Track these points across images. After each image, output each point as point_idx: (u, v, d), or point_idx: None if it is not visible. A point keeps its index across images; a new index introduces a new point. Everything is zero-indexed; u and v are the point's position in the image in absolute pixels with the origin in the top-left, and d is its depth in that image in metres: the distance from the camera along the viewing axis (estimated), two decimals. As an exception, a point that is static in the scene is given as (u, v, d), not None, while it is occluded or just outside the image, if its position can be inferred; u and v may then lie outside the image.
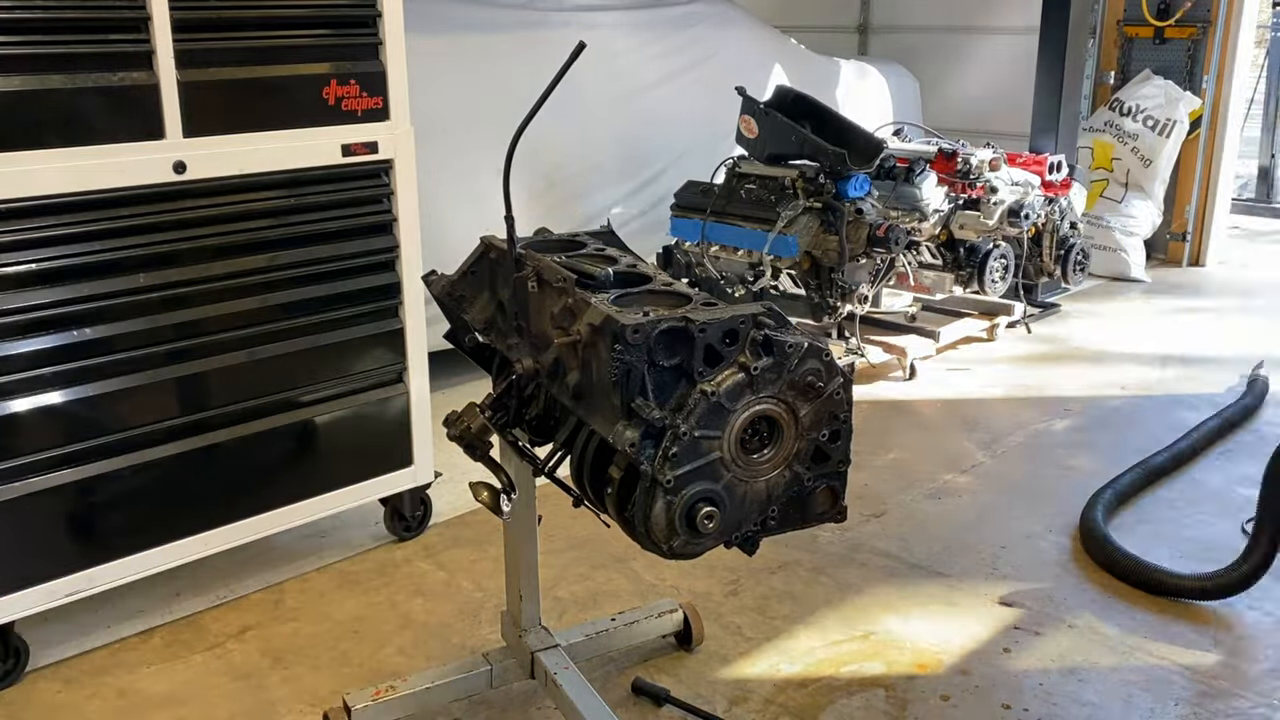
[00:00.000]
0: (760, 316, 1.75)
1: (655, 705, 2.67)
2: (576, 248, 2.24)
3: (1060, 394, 4.81)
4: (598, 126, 5.20)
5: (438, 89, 4.45)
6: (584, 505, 1.97)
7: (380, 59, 3.04)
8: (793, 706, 2.68)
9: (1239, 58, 6.79)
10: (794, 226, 4.63)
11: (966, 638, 2.96)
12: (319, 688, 2.75)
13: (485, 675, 2.61)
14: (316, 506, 3.17)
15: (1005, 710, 2.67)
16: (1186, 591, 3.13)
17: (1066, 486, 3.85)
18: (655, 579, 3.24)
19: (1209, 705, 2.68)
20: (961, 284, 5.17)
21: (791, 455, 1.79)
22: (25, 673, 2.76)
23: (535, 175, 4.82)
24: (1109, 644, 2.94)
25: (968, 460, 4.12)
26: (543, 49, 4.75)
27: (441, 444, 2.44)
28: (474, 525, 3.54)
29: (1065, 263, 5.34)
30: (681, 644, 2.91)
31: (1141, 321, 5.94)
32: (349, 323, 3.12)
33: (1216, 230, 7.10)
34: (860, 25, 8.24)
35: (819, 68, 6.59)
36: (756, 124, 4.86)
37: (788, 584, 3.23)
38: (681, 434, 1.67)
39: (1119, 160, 6.81)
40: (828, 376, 1.77)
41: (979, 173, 4.99)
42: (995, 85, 7.24)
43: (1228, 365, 5.11)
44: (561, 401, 1.95)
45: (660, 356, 1.71)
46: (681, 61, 5.70)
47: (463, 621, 3.05)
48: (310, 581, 3.24)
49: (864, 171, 4.64)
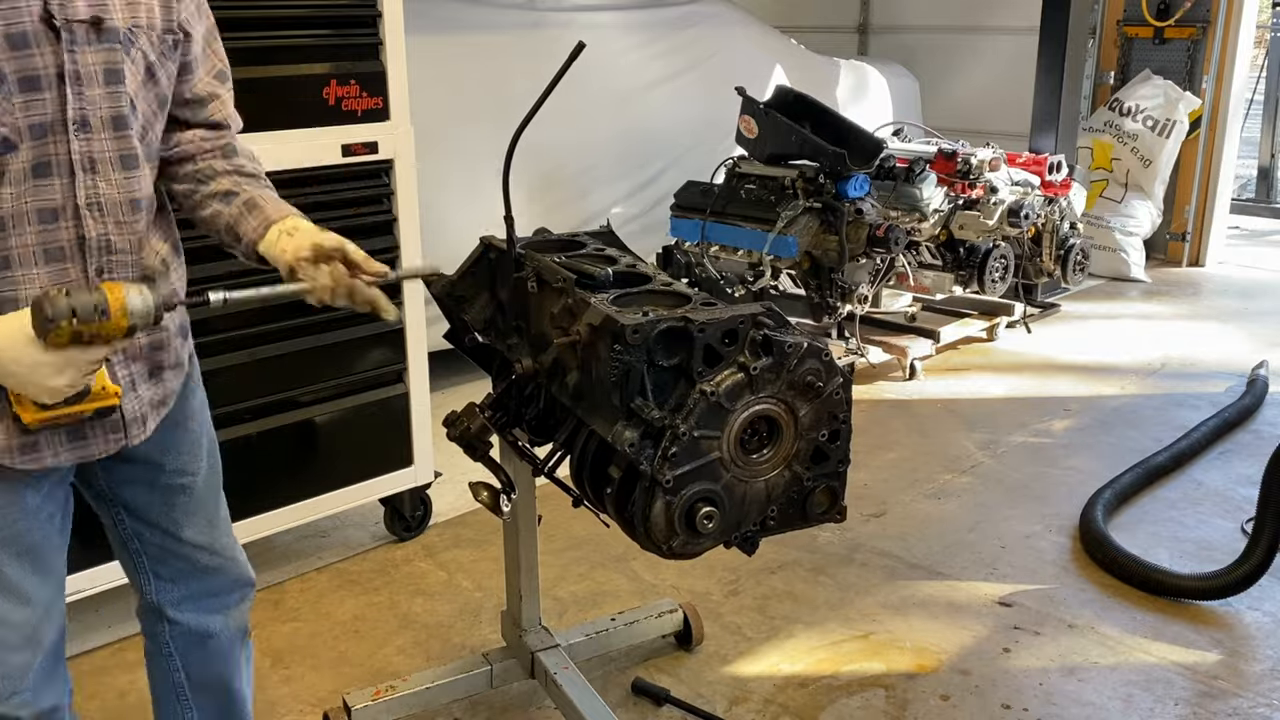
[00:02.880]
0: (760, 316, 1.75)
1: (655, 705, 2.68)
2: (576, 248, 2.24)
3: (1060, 394, 4.81)
4: (598, 126, 5.19)
5: (438, 89, 4.44)
6: (584, 505, 1.97)
7: (380, 59, 3.04)
8: (793, 706, 2.68)
9: (1239, 58, 6.79)
10: (794, 226, 4.63)
11: (966, 638, 2.96)
12: (319, 688, 2.75)
13: (485, 675, 2.61)
14: (316, 506, 3.17)
15: (1005, 710, 2.67)
16: (1186, 591, 3.13)
17: (1066, 486, 3.85)
18: (655, 579, 3.24)
19: (1209, 705, 2.69)
20: (961, 284, 5.17)
21: (791, 455, 1.79)
22: (25, 673, 2.76)
23: (535, 175, 4.81)
24: (1109, 644, 2.94)
25: (968, 460, 4.12)
26: (543, 49, 4.75)
27: (441, 444, 2.44)
28: (474, 525, 3.54)
29: (1065, 263, 5.33)
30: (681, 644, 2.91)
31: (1141, 321, 5.94)
32: (349, 322, 3.12)
33: (1216, 230, 7.09)
34: (860, 25, 8.23)
35: (819, 68, 6.58)
36: (756, 124, 4.86)
37: (788, 584, 3.23)
38: (681, 434, 1.68)
39: (1119, 160, 6.81)
40: (827, 376, 1.77)
41: (979, 173, 4.99)
42: (995, 85, 7.23)
43: (1228, 365, 5.12)
44: (561, 401, 1.95)
45: (660, 356, 1.71)
46: (681, 61, 5.69)
47: (463, 621, 3.05)
48: (310, 581, 3.24)
49: (864, 171, 4.64)
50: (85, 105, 1.49)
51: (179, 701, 2.00)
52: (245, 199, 1.71)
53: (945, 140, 5.32)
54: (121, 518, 1.84)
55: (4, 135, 1.44)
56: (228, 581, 1.97)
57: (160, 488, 1.81)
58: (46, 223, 1.50)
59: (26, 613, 1.65)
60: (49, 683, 1.72)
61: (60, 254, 1.52)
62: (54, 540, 1.69)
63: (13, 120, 1.45)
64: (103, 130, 1.52)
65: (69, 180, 1.50)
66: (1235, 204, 8.06)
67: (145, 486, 1.80)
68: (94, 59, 1.49)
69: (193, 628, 1.95)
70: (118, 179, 1.55)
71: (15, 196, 1.47)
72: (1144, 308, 6.23)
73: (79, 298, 1.39)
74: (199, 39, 1.69)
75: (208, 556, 1.91)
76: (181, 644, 1.96)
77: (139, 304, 1.43)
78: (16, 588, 1.64)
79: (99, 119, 1.51)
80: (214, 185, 1.72)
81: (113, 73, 1.51)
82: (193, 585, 1.93)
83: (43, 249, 1.50)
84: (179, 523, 1.86)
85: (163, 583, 1.91)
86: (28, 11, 1.43)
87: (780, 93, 5.10)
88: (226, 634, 1.99)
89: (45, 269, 1.51)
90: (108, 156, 1.53)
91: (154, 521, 1.84)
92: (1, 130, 1.44)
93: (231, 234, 1.72)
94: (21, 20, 1.43)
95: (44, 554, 1.67)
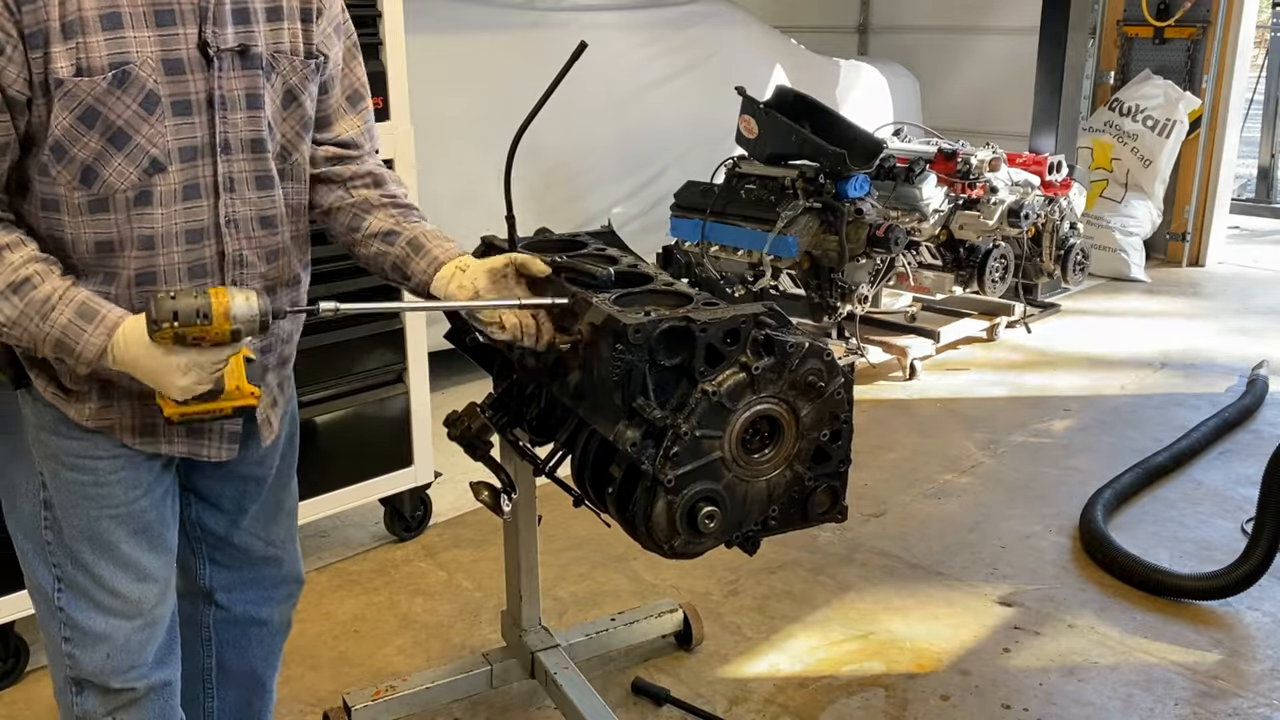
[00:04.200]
0: (761, 316, 1.75)
1: (655, 705, 2.68)
2: (577, 248, 2.24)
3: (1060, 394, 4.81)
4: (598, 126, 5.19)
5: (438, 89, 4.44)
6: (584, 505, 1.97)
7: (380, 59, 3.03)
8: (793, 706, 2.68)
9: (1239, 58, 6.79)
10: (794, 227, 4.63)
11: (966, 638, 2.96)
12: (319, 688, 2.75)
13: (485, 675, 2.61)
14: (316, 506, 3.17)
15: (1005, 710, 2.67)
16: (1186, 591, 3.13)
17: (1066, 486, 3.85)
18: (655, 579, 3.24)
19: (1209, 705, 2.69)
20: (961, 284, 5.17)
21: (792, 455, 1.79)
22: (25, 672, 2.76)
23: (535, 175, 4.81)
24: (1109, 644, 2.94)
25: (968, 460, 4.12)
26: (543, 49, 4.74)
27: (441, 444, 2.44)
28: (474, 525, 3.54)
29: (1065, 263, 5.33)
30: (681, 644, 2.91)
31: (1141, 321, 5.94)
32: (349, 322, 3.12)
33: (1216, 230, 7.09)
34: (860, 25, 8.23)
35: (819, 68, 6.58)
36: (756, 124, 4.85)
37: (788, 584, 3.23)
38: (682, 433, 1.67)
39: (1119, 160, 6.81)
40: (829, 376, 1.76)
41: (979, 173, 4.99)
42: (995, 85, 7.23)
43: (1228, 365, 5.12)
44: (562, 401, 1.95)
45: (661, 356, 1.71)
46: (681, 61, 5.69)
47: (463, 621, 3.05)
48: (310, 581, 3.23)
49: (864, 171, 4.64)
50: (228, 129, 1.57)
51: (204, 689, 2.03)
52: (408, 238, 1.77)
53: (945, 140, 5.32)
54: (189, 502, 1.88)
55: (155, 157, 1.52)
56: (280, 575, 2.02)
57: (236, 478, 1.87)
58: (193, 242, 1.58)
59: (144, 588, 1.72)
60: (165, 658, 1.79)
61: (203, 270, 1.60)
62: (167, 519, 1.76)
63: (164, 142, 1.52)
64: (242, 152, 1.59)
65: (214, 200, 1.59)
66: (1235, 204, 8.06)
67: (220, 477, 1.85)
68: (237, 85, 1.57)
69: (239, 615, 1.99)
70: (252, 197, 1.63)
71: (166, 217, 1.55)
72: (1144, 307, 6.23)
73: (183, 301, 1.45)
74: (335, 59, 1.74)
75: (265, 548, 1.97)
76: (223, 630, 2.00)
77: (244, 310, 1.48)
78: (136, 564, 1.71)
79: (239, 141, 1.59)
80: (373, 222, 1.78)
81: (254, 98, 1.59)
82: (246, 573, 1.97)
83: (188, 266, 1.59)
84: (245, 512, 1.91)
85: (217, 568, 1.95)
86: (184, 39, 1.51)
87: (780, 93, 5.10)
88: (273, 625, 2.04)
89: (189, 284, 1.59)
90: (245, 177, 1.61)
91: (222, 509, 1.90)
92: (153, 152, 1.51)
93: (398, 273, 1.79)
94: (178, 48, 1.51)
95: (160, 532, 1.74)
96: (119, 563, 1.69)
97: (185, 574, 1.94)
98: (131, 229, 1.54)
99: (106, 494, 1.66)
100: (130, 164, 1.51)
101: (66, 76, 1.44)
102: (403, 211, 1.81)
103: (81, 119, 1.46)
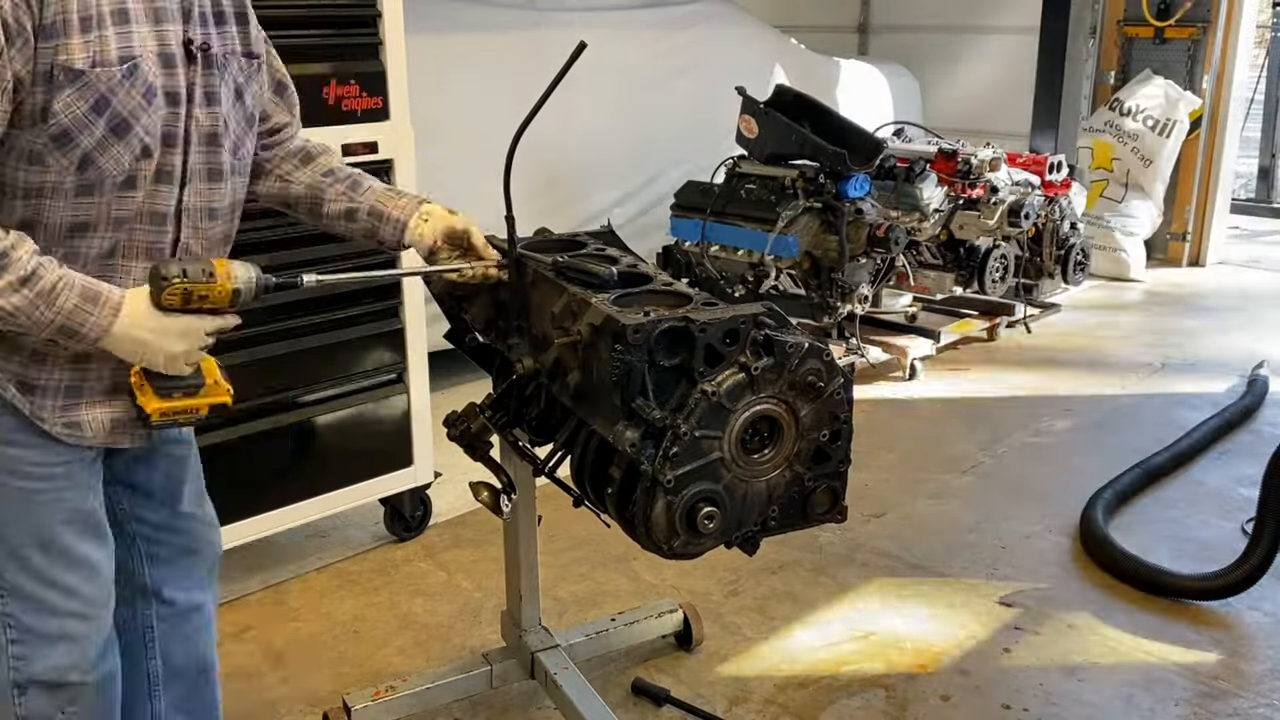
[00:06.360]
0: (761, 316, 1.75)
1: (655, 705, 2.67)
2: (577, 247, 2.24)
3: (1060, 394, 4.80)
4: (598, 126, 5.19)
5: (438, 89, 4.44)
6: (584, 505, 1.97)
7: (380, 59, 3.03)
8: (793, 706, 2.68)
9: (1239, 58, 6.79)
10: (794, 226, 4.63)
11: (966, 638, 2.96)
12: (319, 688, 2.75)
13: (485, 675, 2.61)
14: (316, 506, 3.17)
15: (1005, 710, 2.67)
16: (1186, 592, 3.13)
17: (1066, 486, 3.84)
18: (655, 579, 3.24)
19: (1209, 705, 2.68)
20: (962, 284, 5.17)
21: (792, 455, 1.79)
22: (25, 673, 2.76)
23: (535, 175, 4.81)
24: (1109, 644, 2.94)
25: (968, 460, 4.12)
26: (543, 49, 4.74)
27: (441, 444, 2.44)
28: (474, 525, 3.54)
29: (1065, 263, 5.33)
30: (681, 644, 2.90)
31: (1142, 321, 5.94)
32: (349, 323, 3.12)
33: (1216, 230, 7.10)
34: (860, 25, 8.23)
35: (819, 68, 6.58)
36: (756, 124, 4.85)
37: (788, 584, 3.23)
38: (682, 434, 1.67)
39: (1119, 160, 6.81)
40: (828, 376, 1.76)
41: (979, 173, 4.99)
42: (995, 85, 7.23)
43: (1228, 365, 5.12)
44: (562, 401, 1.95)
45: (661, 356, 1.71)
46: (681, 61, 5.69)
47: (463, 621, 3.04)
48: (310, 581, 3.24)
49: (864, 171, 4.64)
50: (191, 123, 1.66)
51: (150, 690, 2.03)
52: (367, 209, 1.96)
53: (945, 140, 5.32)
54: (120, 498, 1.90)
55: (147, 144, 1.60)
56: (212, 552, 2.05)
57: (162, 458, 1.90)
58: (157, 224, 1.67)
59: (98, 585, 1.77)
60: (110, 648, 1.82)
61: (160, 253, 1.68)
62: (102, 513, 1.79)
63: (156, 130, 1.61)
64: (200, 145, 1.69)
65: (178, 189, 1.67)
66: (1235, 204, 8.06)
67: (147, 464, 1.89)
68: (202, 81, 1.67)
69: (182, 605, 2.01)
70: (203, 189, 1.71)
71: (139, 200, 1.63)
72: (1144, 307, 6.23)
73: (188, 264, 1.60)
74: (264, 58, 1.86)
75: (199, 526, 1.99)
76: (167, 626, 2.01)
77: (243, 274, 1.63)
78: (87, 561, 1.75)
79: (200, 134, 1.68)
80: (329, 206, 1.96)
81: (212, 95, 1.69)
82: (184, 562, 1.99)
83: (146, 247, 1.66)
84: (177, 495, 1.94)
85: (156, 563, 1.97)
86: (174, 36, 1.62)
87: (780, 93, 5.10)
88: (208, 607, 2.06)
89: (144, 264, 1.66)
90: (201, 169, 1.70)
91: (155, 496, 1.92)
92: (147, 139, 1.60)
93: (371, 240, 1.99)
94: (170, 44, 1.61)
95: (104, 526, 1.79)
96: (73, 564, 1.72)
97: (123, 575, 1.93)
98: (110, 211, 1.61)
99: (60, 499, 1.69)
100: (126, 151, 1.58)
101: (85, 68, 1.51)
102: (349, 183, 1.97)
103: (94, 108, 1.53)
